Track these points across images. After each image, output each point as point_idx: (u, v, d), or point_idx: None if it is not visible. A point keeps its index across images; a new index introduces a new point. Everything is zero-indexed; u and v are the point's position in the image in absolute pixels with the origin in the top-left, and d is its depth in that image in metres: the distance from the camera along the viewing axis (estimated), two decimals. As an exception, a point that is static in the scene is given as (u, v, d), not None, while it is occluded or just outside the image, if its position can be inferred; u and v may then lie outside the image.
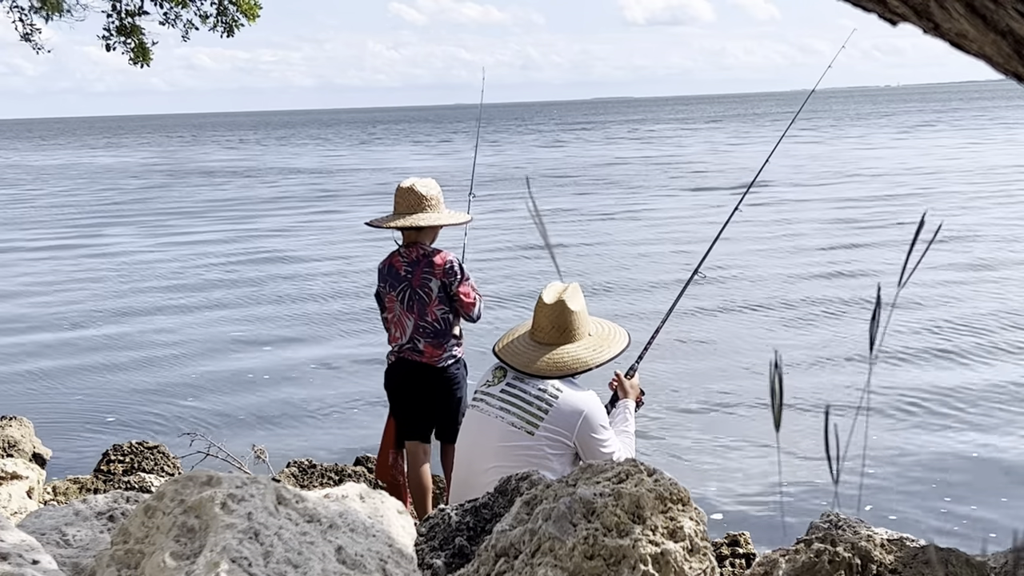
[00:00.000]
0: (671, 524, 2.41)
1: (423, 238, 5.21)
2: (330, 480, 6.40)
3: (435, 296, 5.11)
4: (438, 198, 5.20)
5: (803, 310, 11.95)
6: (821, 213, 21.09)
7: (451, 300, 5.16)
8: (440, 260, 5.12)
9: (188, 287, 15.50)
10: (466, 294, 5.14)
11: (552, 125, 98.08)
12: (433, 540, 2.81)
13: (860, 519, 2.95)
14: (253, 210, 27.04)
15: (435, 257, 5.13)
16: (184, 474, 2.31)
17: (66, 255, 19.50)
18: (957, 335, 10.37)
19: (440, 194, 5.23)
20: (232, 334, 12.06)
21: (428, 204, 5.15)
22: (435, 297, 5.11)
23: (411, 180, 5.22)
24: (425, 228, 5.17)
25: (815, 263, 15.13)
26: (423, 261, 5.13)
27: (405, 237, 5.23)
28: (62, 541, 2.63)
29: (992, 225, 18.10)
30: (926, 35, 1.62)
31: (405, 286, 5.16)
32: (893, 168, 31.21)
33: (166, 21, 9.73)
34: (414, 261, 5.15)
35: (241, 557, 2.04)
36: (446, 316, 5.15)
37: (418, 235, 5.19)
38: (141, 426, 8.51)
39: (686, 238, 18.09)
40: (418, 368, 5.18)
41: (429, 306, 5.12)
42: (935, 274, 13.32)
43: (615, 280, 14.50)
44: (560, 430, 3.73)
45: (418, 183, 5.19)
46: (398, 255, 5.22)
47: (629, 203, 24.96)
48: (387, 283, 5.24)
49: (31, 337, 12.23)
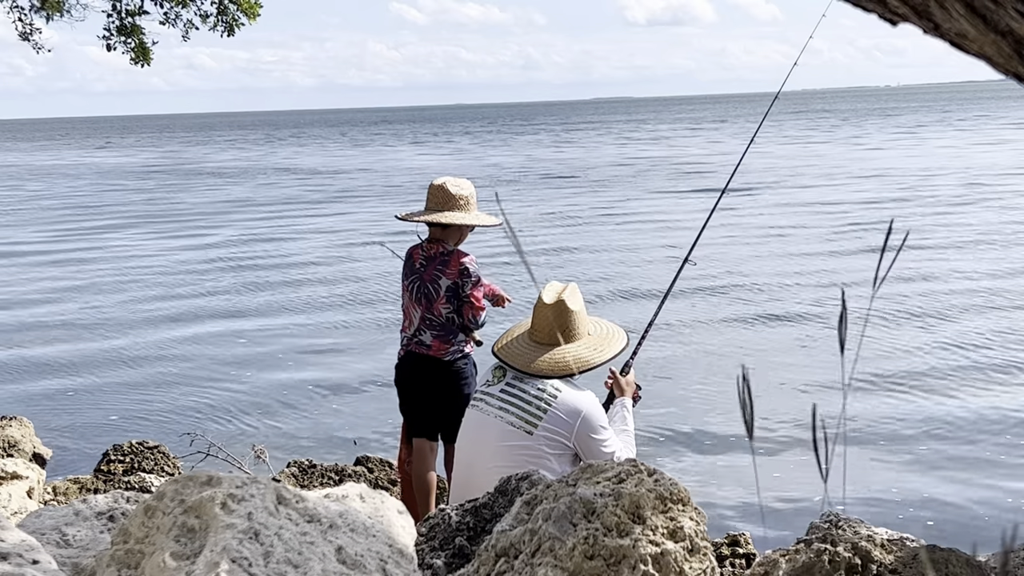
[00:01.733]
0: (671, 524, 2.41)
1: (447, 237, 5.16)
2: (330, 480, 6.40)
3: (442, 294, 5.10)
4: (468, 199, 5.14)
5: (799, 309, 11.96)
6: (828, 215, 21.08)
7: (459, 301, 5.13)
8: (456, 261, 5.09)
9: (188, 287, 15.49)
10: (477, 298, 5.11)
11: (555, 124, 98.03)
12: (433, 540, 2.81)
13: (860, 519, 2.94)
14: (258, 212, 27.03)
15: (453, 256, 5.11)
16: (184, 474, 2.31)
17: (68, 255, 19.50)
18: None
19: (472, 195, 5.17)
20: (232, 334, 12.06)
21: (457, 203, 5.10)
22: (442, 295, 5.10)
23: (444, 178, 5.21)
24: (450, 227, 5.13)
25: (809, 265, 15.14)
26: (439, 259, 5.12)
27: (431, 233, 5.21)
28: (62, 541, 2.63)
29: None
30: (926, 35, 1.62)
31: (416, 278, 5.17)
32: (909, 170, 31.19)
33: (166, 21, 9.73)
34: (431, 256, 5.14)
35: (241, 557, 2.04)
36: (451, 315, 5.14)
37: (442, 233, 5.16)
38: (141, 426, 8.51)
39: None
40: (425, 361, 5.17)
41: (436, 302, 5.12)
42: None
43: (620, 279, 14.51)
44: (559, 430, 3.72)
45: (450, 181, 5.16)
46: (419, 248, 5.23)
47: (650, 204, 24.95)
48: (404, 272, 5.28)
49: (30, 337, 12.24)
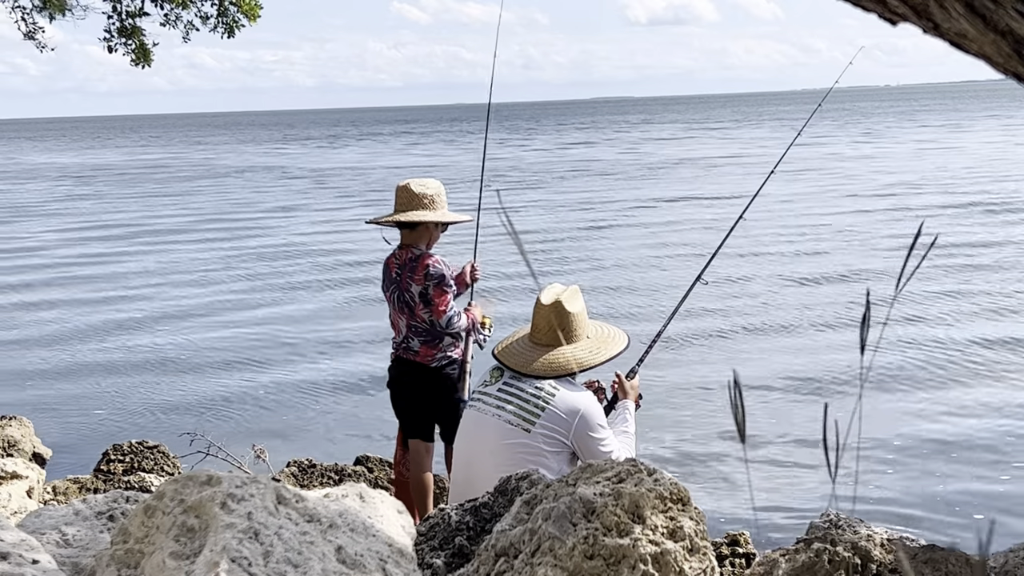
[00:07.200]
0: (671, 524, 2.41)
1: (417, 239, 5.09)
2: (330, 480, 6.39)
3: (418, 300, 5.04)
4: (435, 197, 5.07)
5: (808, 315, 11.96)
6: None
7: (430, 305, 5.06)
8: (422, 264, 5.01)
9: (189, 287, 15.49)
10: (439, 302, 4.99)
11: (561, 123, 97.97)
12: (433, 540, 2.81)
13: (860, 518, 2.94)
14: (263, 214, 27.03)
15: (420, 261, 5.02)
16: (184, 474, 2.31)
17: (71, 257, 19.50)
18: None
19: (439, 193, 5.10)
20: (232, 334, 12.05)
21: (422, 202, 5.03)
22: (418, 301, 5.04)
23: (411, 179, 5.16)
24: (418, 227, 5.07)
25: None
26: (409, 265, 5.04)
27: (402, 238, 5.15)
28: (62, 541, 2.63)
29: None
30: (926, 35, 1.62)
31: (395, 288, 5.12)
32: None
33: (167, 23, 9.72)
34: (404, 264, 5.07)
35: (241, 557, 2.04)
36: (433, 320, 5.10)
37: (411, 236, 5.09)
38: (141, 426, 8.51)
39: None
40: (413, 367, 5.15)
41: (415, 310, 5.07)
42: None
43: (635, 278, 14.51)
44: (557, 428, 3.72)
45: (414, 182, 5.09)
46: (393, 256, 5.17)
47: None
48: (383, 282, 5.24)
49: (30, 335, 12.23)
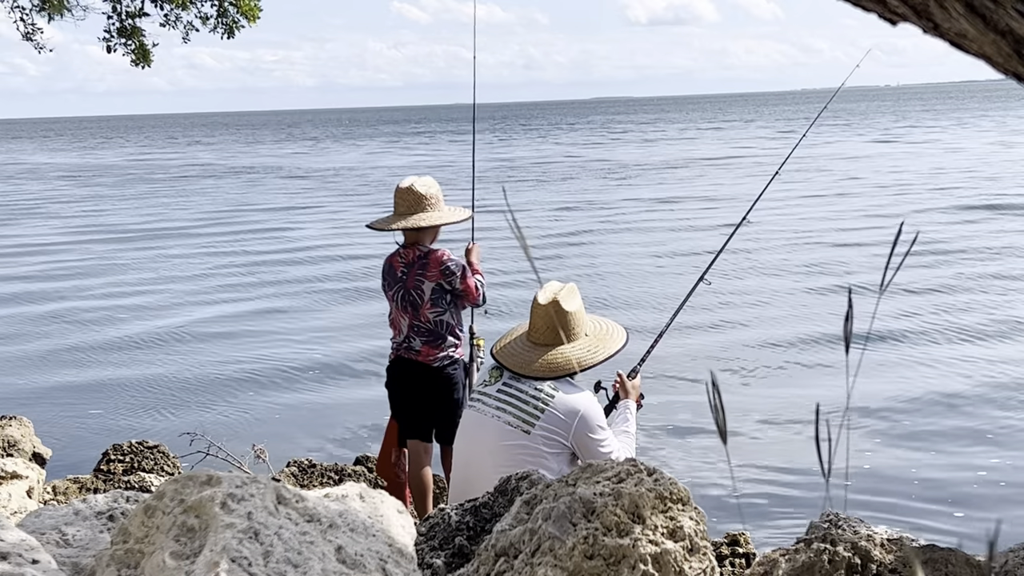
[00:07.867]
0: (671, 524, 2.41)
1: (423, 238, 5.18)
2: (330, 480, 6.39)
3: (427, 299, 5.08)
4: (437, 196, 5.15)
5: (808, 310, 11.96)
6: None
7: (448, 300, 5.13)
8: (436, 262, 5.08)
9: (189, 287, 15.49)
10: (469, 287, 5.12)
11: (561, 123, 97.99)
12: (433, 540, 2.81)
13: (860, 518, 2.94)
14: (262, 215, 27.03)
15: (431, 258, 5.09)
16: (184, 474, 2.31)
17: (71, 257, 19.49)
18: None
19: (439, 192, 5.18)
20: (231, 333, 12.05)
21: (427, 203, 5.11)
22: (427, 300, 5.08)
23: (410, 179, 5.18)
24: (425, 228, 5.14)
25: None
26: (418, 263, 5.11)
27: (406, 237, 5.21)
28: (62, 541, 2.63)
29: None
30: (926, 35, 1.62)
31: (400, 287, 5.15)
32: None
33: (166, 23, 9.72)
34: (411, 262, 5.13)
35: (241, 557, 2.04)
36: (439, 318, 5.12)
37: (418, 235, 5.17)
38: (141, 426, 8.51)
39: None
40: (414, 367, 5.17)
41: (421, 308, 5.10)
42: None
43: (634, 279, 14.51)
44: (556, 429, 3.72)
45: (417, 182, 5.15)
46: (397, 255, 5.21)
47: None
48: (386, 282, 5.25)
49: (30, 335, 12.23)
